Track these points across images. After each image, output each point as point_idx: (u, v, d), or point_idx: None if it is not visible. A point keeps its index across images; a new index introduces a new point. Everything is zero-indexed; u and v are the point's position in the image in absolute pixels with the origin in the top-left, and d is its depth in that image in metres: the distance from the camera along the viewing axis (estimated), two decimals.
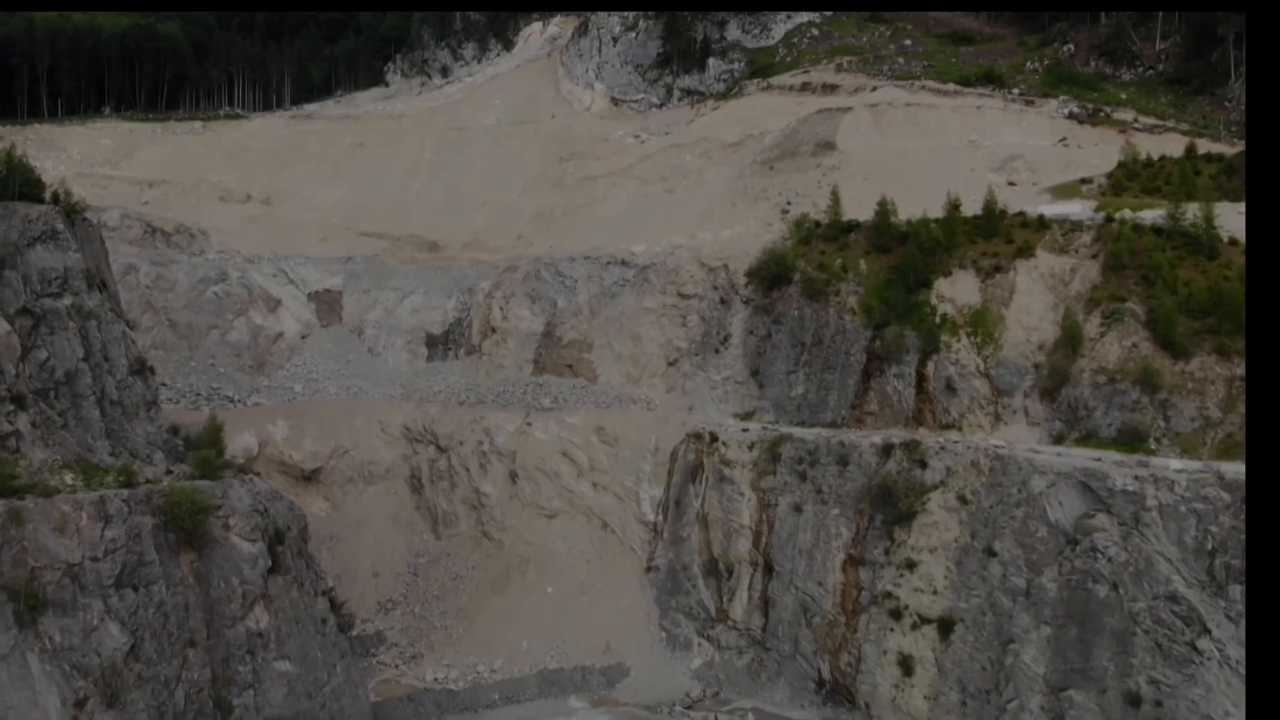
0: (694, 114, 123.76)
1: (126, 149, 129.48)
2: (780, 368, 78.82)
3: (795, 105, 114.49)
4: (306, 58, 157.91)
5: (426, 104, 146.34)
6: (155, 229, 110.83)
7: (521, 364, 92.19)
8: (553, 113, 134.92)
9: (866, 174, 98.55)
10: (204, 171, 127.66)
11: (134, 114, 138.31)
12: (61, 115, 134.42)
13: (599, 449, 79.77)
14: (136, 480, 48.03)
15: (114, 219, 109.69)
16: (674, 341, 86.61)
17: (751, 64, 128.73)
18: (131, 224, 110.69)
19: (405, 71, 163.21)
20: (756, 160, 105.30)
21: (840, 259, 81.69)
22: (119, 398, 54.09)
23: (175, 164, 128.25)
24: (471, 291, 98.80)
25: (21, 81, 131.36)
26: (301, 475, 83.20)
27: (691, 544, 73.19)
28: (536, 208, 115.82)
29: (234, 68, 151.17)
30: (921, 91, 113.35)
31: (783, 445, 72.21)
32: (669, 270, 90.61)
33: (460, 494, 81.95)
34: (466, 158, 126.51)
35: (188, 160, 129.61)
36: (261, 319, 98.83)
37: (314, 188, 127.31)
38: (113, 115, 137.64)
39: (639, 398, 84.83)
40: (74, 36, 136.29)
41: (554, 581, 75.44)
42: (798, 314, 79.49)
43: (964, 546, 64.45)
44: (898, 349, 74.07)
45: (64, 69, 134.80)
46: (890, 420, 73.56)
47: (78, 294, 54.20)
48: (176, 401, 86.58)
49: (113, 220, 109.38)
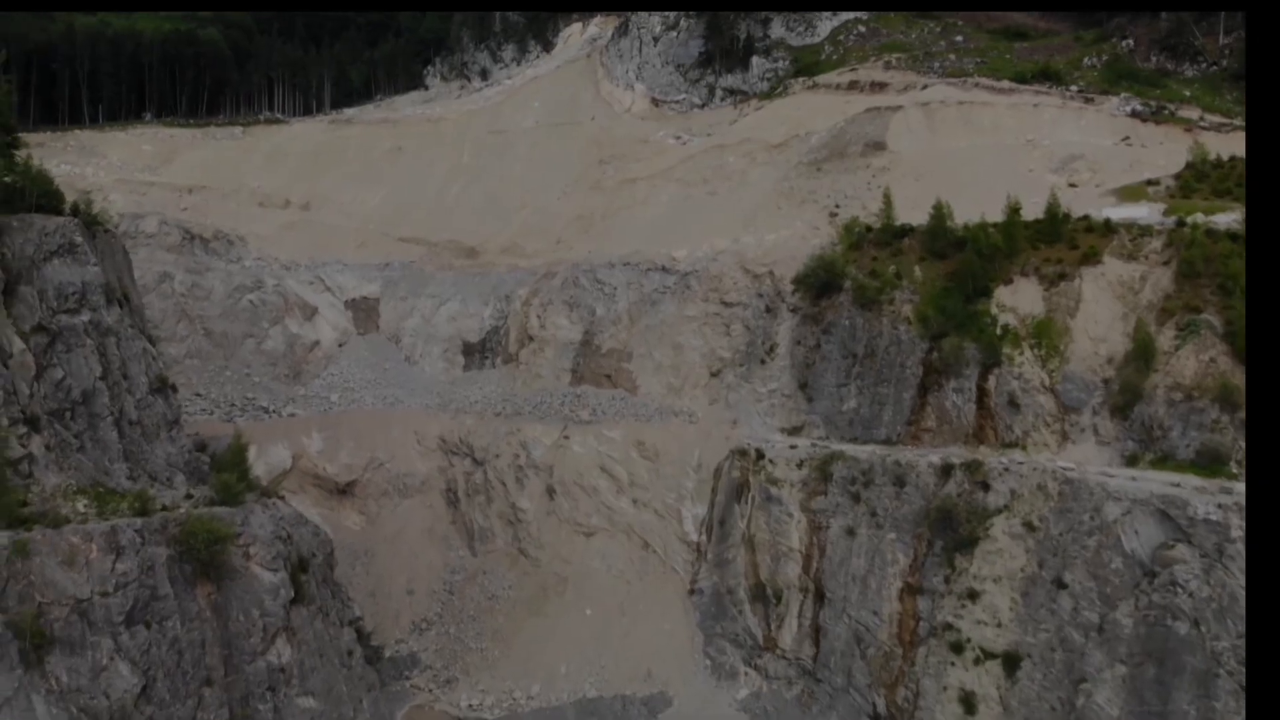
0: (737, 114, 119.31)
1: (166, 154, 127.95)
2: (830, 380, 74.33)
3: (842, 104, 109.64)
4: (346, 61, 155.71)
5: (465, 107, 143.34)
6: (193, 235, 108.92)
7: (559, 374, 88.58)
8: (592, 114, 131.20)
9: (918, 175, 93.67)
10: (243, 177, 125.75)
11: (174, 119, 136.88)
12: (102, 121, 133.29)
13: (639, 464, 75.89)
14: (152, 508, 45.03)
15: (152, 226, 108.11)
16: (717, 351, 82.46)
17: (796, 62, 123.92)
18: (169, 230, 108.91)
19: (444, 74, 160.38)
20: (802, 161, 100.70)
21: (894, 265, 77.02)
22: (138, 418, 51.20)
23: (214, 169, 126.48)
24: (509, 299, 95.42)
25: (62, 87, 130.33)
26: (336, 488, 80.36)
27: (737, 567, 68.98)
28: (575, 211, 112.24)
29: (274, 72, 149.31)
30: (975, 89, 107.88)
31: (834, 464, 67.78)
32: (711, 277, 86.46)
33: (496, 509, 78.54)
34: (505, 161, 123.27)
35: (227, 166, 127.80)
36: (297, 327, 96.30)
37: (352, 193, 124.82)
38: (153, 121, 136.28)
39: (680, 410, 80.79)
40: (114, 41, 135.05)
41: (593, 602, 71.68)
42: (849, 323, 74.95)
43: (1031, 577, 59.71)
44: (956, 362, 69.32)
45: (105, 74, 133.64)
46: (949, 438, 68.84)
47: (96, 309, 51.41)
48: (210, 412, 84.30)
49: (150, 227, 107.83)
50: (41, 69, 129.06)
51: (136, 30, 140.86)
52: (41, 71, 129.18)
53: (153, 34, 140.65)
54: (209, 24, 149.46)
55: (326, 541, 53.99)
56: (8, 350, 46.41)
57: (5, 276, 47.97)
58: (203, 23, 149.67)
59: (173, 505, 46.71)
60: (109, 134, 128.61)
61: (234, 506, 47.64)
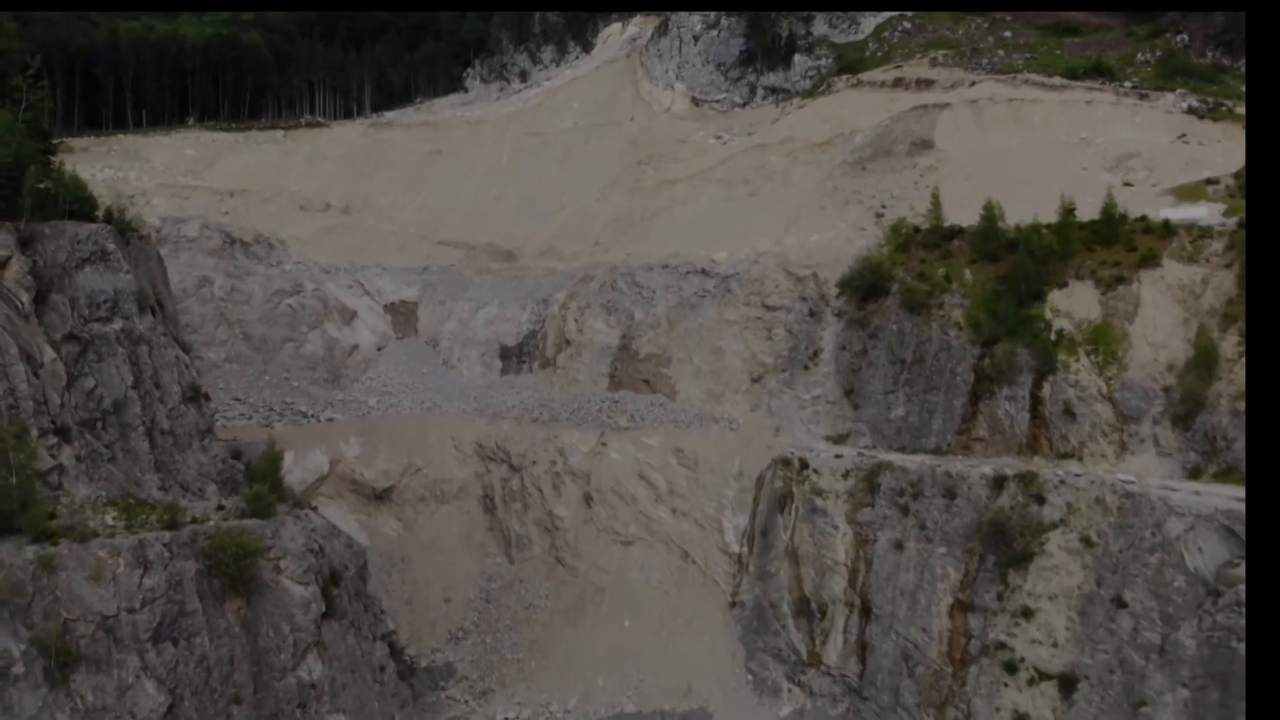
0: (779, 113, 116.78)
1: (209, 159, 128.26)
2: (877, 387, 71.80)
3: (887, 102, 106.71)
4: (386, 64, 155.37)
5: (504, 109, 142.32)
6: (234, 239, 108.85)
7: (596, 378, 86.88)
8: (631, 115, 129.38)
9: (967, 174, 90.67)
10: (284, 181, 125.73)
11: (217, 123, 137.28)
12: (146, 126, 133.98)
13: (678, 472, 73.90)
14: (181, 520, 43.94)
15: (193, 229, 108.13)
16: (758, 356, 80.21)
17: (840, 60, 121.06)
18: (211, 234, 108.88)
19: (484, 77, 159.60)
20: (847, 160, 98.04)
21: (943, 268, 74.27)
22: (170, 427, 50.27)
23: (256, 173, 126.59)
24: (546, 302, 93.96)
25: (106, 92, 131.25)
26: (373, 494, 79.35)
27: (780, 580, 66.72)
28: (614, 213, 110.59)
29: (315, 75, 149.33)
30: (1025, 85, 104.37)
31: (881, 474, 65.29)
32: (753, 280, 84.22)
33: (533, 516, 77.01)
34: (543, 163, 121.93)
35: (268, 169, 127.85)
36: (336, 331, 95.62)
37: (392, 196, 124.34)
38: (196, 125, 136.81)
39: (721, 416, 78.68)
40: (158, 46, 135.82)
41: (631, 614, 69.83)
42: (896, 328, 72.35)
43: (1089, 595, 56.88)
44: (1009, 368, 66.49)
45: (148, 79, 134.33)
46: (1001, 447, 66.04)
47: (128, 317, 50.55)
48: (249, 417, 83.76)
49: (192, 231, 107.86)
50: (85, 75, 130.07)
51: (179, 35, 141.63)
52: (85, 77, 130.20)
53: (195, 39, 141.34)
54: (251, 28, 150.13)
55: (359, 553, 52.73)
56: (38, 359, 45.63)
57: (37, 285, 47.23)
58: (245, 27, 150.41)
59: (203, 517, 45.64)
60: (152, 138, 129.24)
61: (265, 519, 46.46)
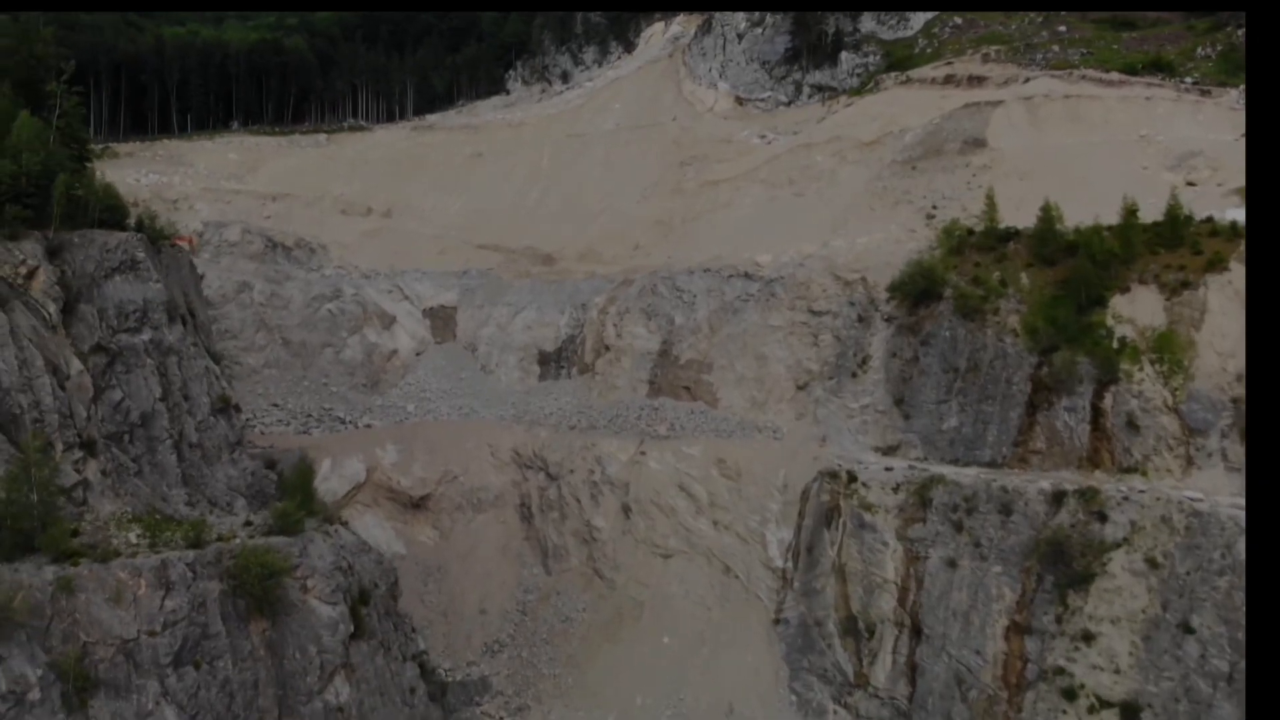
0: (825, 111, 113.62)
1: (252, 163, 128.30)
2: (929, 396, 68.67)
3: (938, 99, 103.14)
4: (429, 67, 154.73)
5: (546, 111, 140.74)
6: (276, 244, 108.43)
7: (636, 385, 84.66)
8: (674, 115, 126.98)
9: (1022, 174, 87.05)
10: (326, 184, 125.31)
11: (261, 128, 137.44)
12: (190, 130, 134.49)
13: (720, 483, 71.37)
14: (206, 538, 42.48)
15: (235, 234, 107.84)
16: (804, 363, 77.42)
17: (888, 57, 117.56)
18: (253, 239, 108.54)
19: (526, 78, 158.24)
20: (896, 160, 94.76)
21: (998, 271, 70.90)
22: (199, 440, 48.98)
23: (298, 177, 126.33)
24: (585, 307, 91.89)
25: (152, 98, 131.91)
26: (410, 502, 77.84)
27: (826, 597, 63.91)
28: (655, 215, 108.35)
29: (358, 79, 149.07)
30: (1081, 81, 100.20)
31: (934, 488, 62.21)
32: (798, 283, 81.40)
33: (571, 526, 74.99)
34: (584, 165, 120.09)
35: (311, 173, 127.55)
36: (376, 336, 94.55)
37: (433, 199, 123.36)
38: (240, 129, 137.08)
39: (764, 425, 76.04)
40: (203, 51, 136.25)
41: (670, 630, 67.47)
42: (949, 335, 69.16)
43: (1153, 619, 53.50)
44: (1069, 378, 63.07)
45: (193, 85, 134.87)
46: (1060, 461, 62.66)
47: (157, 328, 49.35)
48: (287, 423, 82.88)
49: (234, 235, 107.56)
50: (131, 80, 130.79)
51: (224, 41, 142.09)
52: (132, 83, 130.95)
53: (239, 44, 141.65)
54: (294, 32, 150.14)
55: (390, 570, 51.05)
56: (65, 371, 44.54)
57: (65, 295, 46.18)
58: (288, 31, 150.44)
59: (229, 534, 44.16)
60: (196, 143, 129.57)
61: (293, 535, 44.90)
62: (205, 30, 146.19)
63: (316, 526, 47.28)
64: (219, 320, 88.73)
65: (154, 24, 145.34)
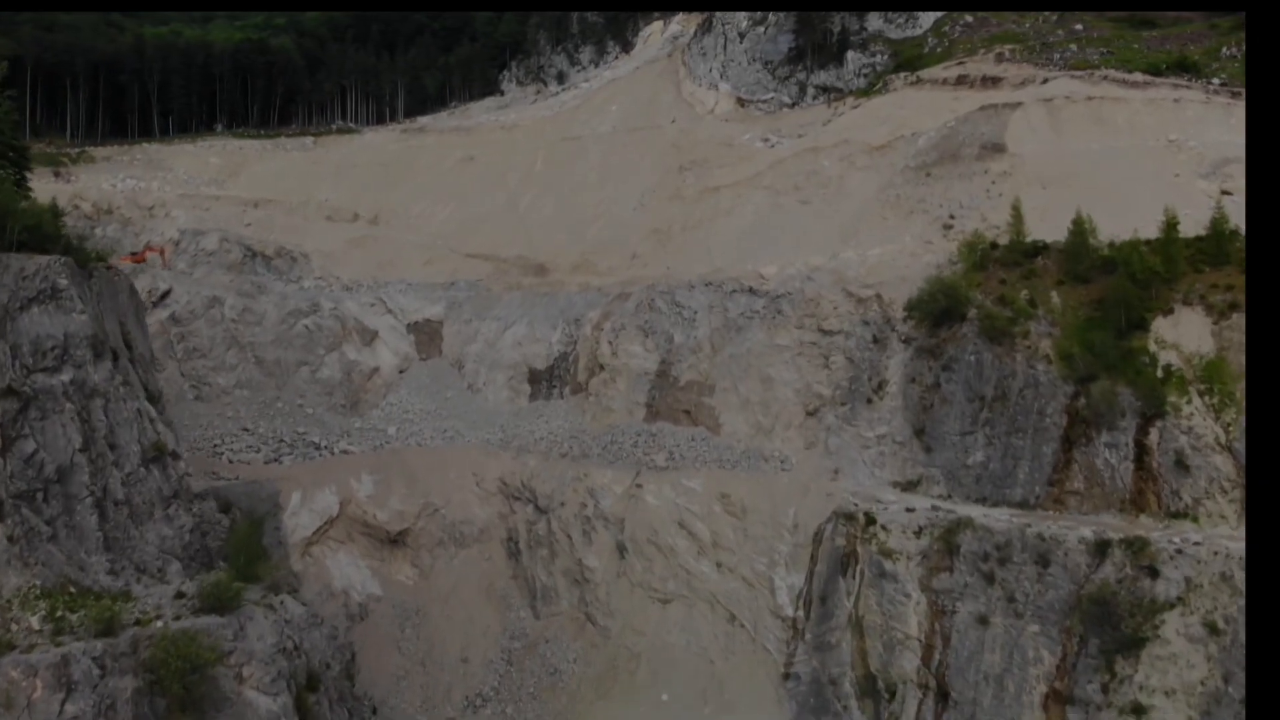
0: (831, 113, 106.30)
1: (234, 167, 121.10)
2: (953, 427, 61.44)
3: (951, 101, 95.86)
4: (420, 68, 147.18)
5: (540, 113, 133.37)
6: (255, 253, 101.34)
7: (632, 407, 77.35)
8: (673, 117, 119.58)
9: (1045, 181, 79.80)
10: (311, 189, 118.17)
11: (245, 131, 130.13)
12: (173, 133, 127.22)
13: (723, 521, 64.14)
14: (123, 620, 35.26)
15: (212, 243, 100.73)
16: (814, 387, 70.16)
17: (896, 56, 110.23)
18: (231, 248, 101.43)
19: (520, 79, 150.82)
20: (909, 165, 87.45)
21: (1026, 290, 63.72)
22: (126, 496, 41.63)
23: (282, 182, 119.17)
24: (579, 322, 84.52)
25: (132, 100, 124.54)
26: (387, 538, 70.45)
27: (842, 653, 56.67)
28: (653, 223, 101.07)
29: (347, 80, 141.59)
30: (1104, 83, 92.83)
31: (961, 533, 54.95)
32: (807, 300, 74.10)
33: (561, 565, 67.72)
34: (579, 170, 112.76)
35: (295, 178, 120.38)
36: (356, 353, 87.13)
37: (422, 205, 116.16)
38: (224, 132, 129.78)
39: (771, 454, 68.80)
40: (185, 52, 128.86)
41: (670, 685, 60.22)
42: (974, 359, 61.92)
43: (1213, 693, 46.38)
44: (1109, 411, 55.89)
45: (175, 86, 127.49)
46: (1100, 503, 55.51)
47: (81, 366, 42.00)
48: (257, 450, 75.50)
49: (211, 244, 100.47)
50: (110, 81, 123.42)
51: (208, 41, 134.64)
52: (110, 84, 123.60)
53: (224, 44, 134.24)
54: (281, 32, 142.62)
55: (345, 647, 43.85)
56: None
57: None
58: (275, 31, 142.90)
59: (149, 616, 36.85)
60: (177, 147, 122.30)
61: (228, 612, 37.68)
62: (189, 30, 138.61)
63: (259, 598, 39.96)
64: (186, 338, 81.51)
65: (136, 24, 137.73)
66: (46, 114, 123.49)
